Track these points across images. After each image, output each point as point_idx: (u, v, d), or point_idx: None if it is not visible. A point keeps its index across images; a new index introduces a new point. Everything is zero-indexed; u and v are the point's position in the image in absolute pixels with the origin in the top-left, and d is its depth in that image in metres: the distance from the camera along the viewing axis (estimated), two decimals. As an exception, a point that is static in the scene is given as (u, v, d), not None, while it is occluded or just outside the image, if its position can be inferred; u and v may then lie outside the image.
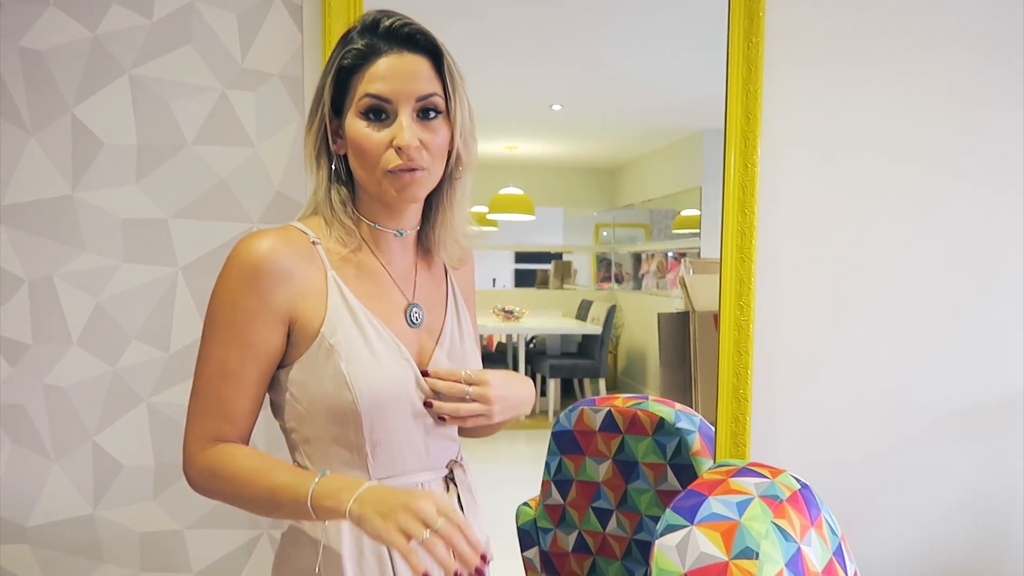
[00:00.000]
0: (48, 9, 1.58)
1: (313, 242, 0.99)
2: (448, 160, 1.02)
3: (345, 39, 0.99)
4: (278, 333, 0.96)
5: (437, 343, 1.07)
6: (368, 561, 1.00)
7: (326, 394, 0.97)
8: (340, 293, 0.98)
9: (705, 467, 1.59)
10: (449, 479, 1.09)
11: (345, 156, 1.01)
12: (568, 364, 2.93)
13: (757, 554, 1.09)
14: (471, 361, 1.12)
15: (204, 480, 0.96)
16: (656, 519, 1.63)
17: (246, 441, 0.99)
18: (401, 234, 1.05)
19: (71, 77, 1.59)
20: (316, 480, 0.90)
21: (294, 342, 0.98)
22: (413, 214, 1.06)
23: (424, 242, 1.11)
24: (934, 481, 1.75)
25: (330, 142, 1.01)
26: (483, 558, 0.87)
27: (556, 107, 2.22)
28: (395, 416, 1.00)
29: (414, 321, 1.05)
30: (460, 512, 1.03)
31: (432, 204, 1.07)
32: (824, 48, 1.67)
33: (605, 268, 2.96)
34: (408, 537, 0.83)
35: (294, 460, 1.05)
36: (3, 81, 1.58)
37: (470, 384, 1.02)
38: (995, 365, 1.74)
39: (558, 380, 2.89)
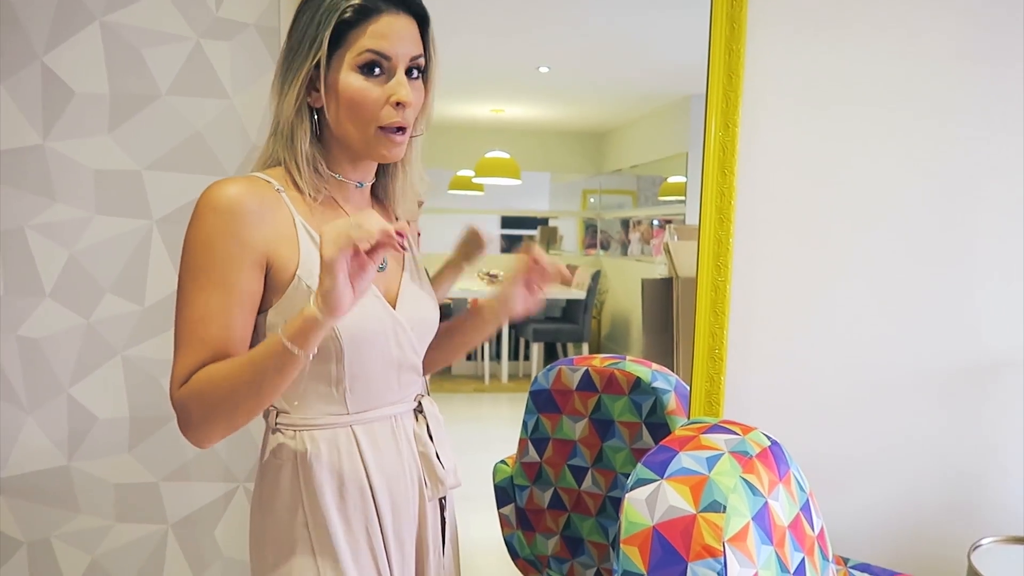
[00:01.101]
0: (16, -48, 1.54)
1: (278, 190, 1.01)
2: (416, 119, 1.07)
3: None
4: (257, 276, 0.97)
5: (400, 284, 1.12)
6: (350, 491, 1.04)
7: None
8: (310, 238, 1.01)
9: (679, 424, 1.60)
10: (417, 411, 1.14)
11: (318, 109, 1.03)
12: (552, 328, 2.94)
13: (724, 507, 1.11)
14: (431, 298, 1.18)
15: (193, 404, 0.93)
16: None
17: None
18: (361, 185, 1.10)
19: (40, 23, 1.55)
20: (280, 330, 0.90)
21: (270, 287, 0.99)
22: (372, 166, 1.11)
23: (379, 194, 1.16)
24: (906, 444, 1.77)
25: (304, 93, 1.01)
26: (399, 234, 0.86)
27: (543, 69, 2.19)
28: (372, 351, 1.04)
29: (380, 266, 1.07)
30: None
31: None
32: (808, 9, 1.65)
33: (592, 234, 2.96)
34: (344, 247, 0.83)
35: (272, 404, 1.07)
36: (-30, 26, 1.55)
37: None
38: (972, 331, 1.75)
39: (541, 344, 2.90)
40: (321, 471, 1.03)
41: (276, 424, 1.06)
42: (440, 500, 1.17)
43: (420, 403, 1.15)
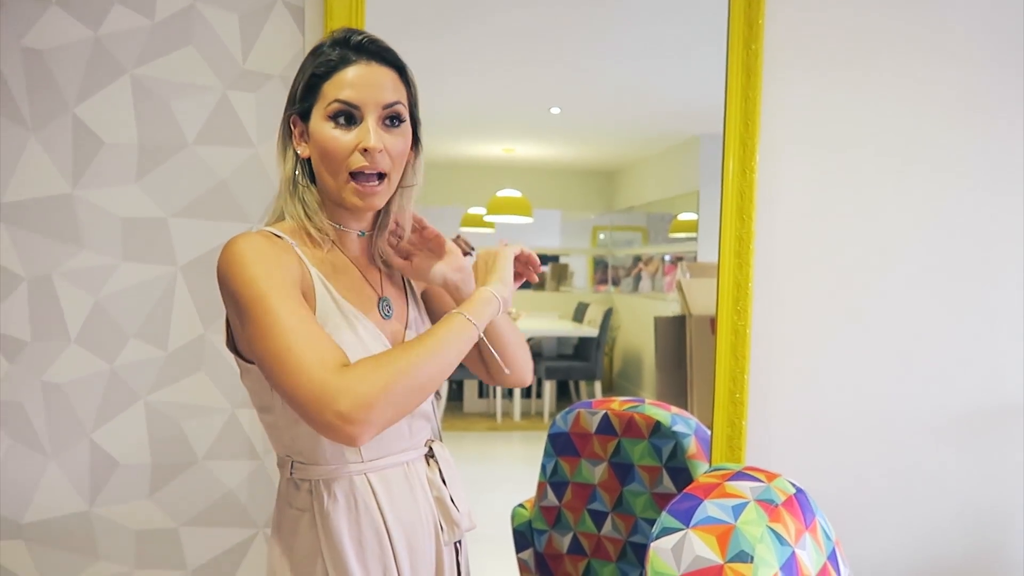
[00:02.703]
0: (50, 8, 1.58)
1: (291, 243, 1.03)
2: (405, 170, 1.09)
3: (316, 51, 1.05)
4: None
5: (404, 332, 1.13)
6: (368, 540, 1.04)
7: None
8: (325, 288, 1.03)
9: (701, 470, 1.60)
10: (428, 456, 1.15)
11: (308, 161, 1.06)
12: (564, 366, 2.94)
13: (752, 558, 1.10)
14: None
15: (366, 382, 0.88)
16: (651, 522, 1.64)
17: None
18: (363, 234, 1.12)
19: (72, 77, 1.59)
20: (455, 310, 1.01)
21: None
22: (370, 216, 1.12)
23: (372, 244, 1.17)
24: (929, 489, 1.76)
25: (295, 146, 1.06)
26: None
27: (555, 110, 2.22)
28: None
29: (386, 314, 1.11)
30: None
31: (383, 211, 1.12)
32: (823, 56, 1.68)
33: (602, 271, 2.97)
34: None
35: (283, 451, 1.08)
36: (4, 80, 1.58)
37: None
38: (994, 374, 1.75)
39: (554, 382, 2.90)
40: (340, 521, 1.03)
41: (291, 474, 1.06)
42: (455, 544, 1.17)
43: (431, 448, 1.15)
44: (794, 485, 1.31)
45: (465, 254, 1.19)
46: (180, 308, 1.65)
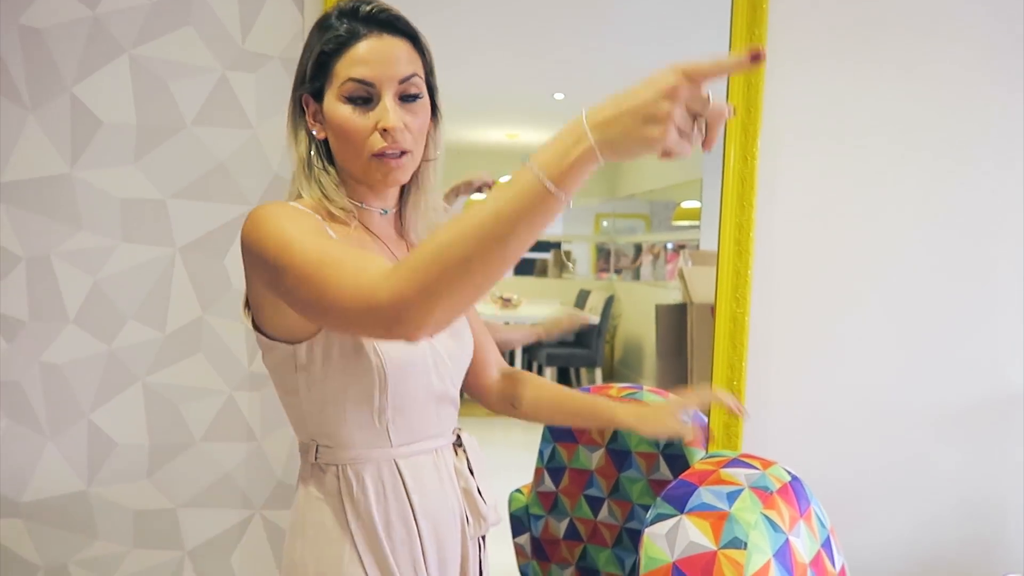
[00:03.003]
0: (48, -14, 1.58)
1: (317, 218, 0.99)
2: (426, 143, 1.04)
3: (323, 25, 0.99)
4: None
5: None
6: (396, 529, 1.01)
7: (347, 363, 0.97)
8: None
9: (697, 457, 1.60)
10: (456, 444, 1.11)
11: (325, 140, 1.02)
12: (565, 353, 2.93)
13: (745, 544, 1.10)
14: (467, 329, 1.15)
15: (406, 278, 0.75)
16: (647, 508, 1.64)
17: None
18: (386, 212, 1.08)
19: (70, 56, 1.58)
20: (527, 165, 0.71)
21: None
22: (394, 194, 1.08)
23: (401, 221, 1.13)
24: (926, 480, 1.75)
25: (308, 127, 1.02)
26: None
27: (558, 96, 2.21)
28: (416, 382, 1.02)
29: None
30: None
31: (407, 186, 1.09)
32: (826, 42, 1.66)
33: (604, 258, 2.96)
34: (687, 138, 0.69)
35: (308, 436, 1.04)
36: (2, 59, 1.58)
37: None
38: (991, 366, 1.74)
39: (554, 369, 2.90)
40: (368, 507, 1.00)
41: (316, 459, 1.03)
42: (480, 539, 1.13)
43: (459, 436, 1.12)
44: (789, 473, 1.31)
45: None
46: (178, 290, 1.65)
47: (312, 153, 1.02)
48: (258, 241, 0.90)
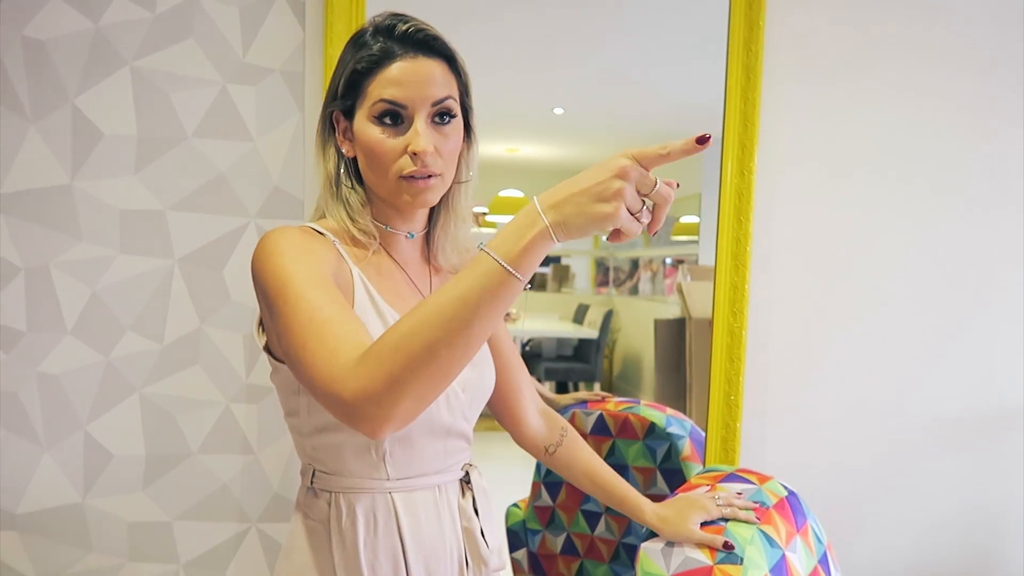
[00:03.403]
0: (52, -1, 1.59)
1: (332, 240, 0.99)
2: (458, 164, 1.02)
3: (357, 42, 0.97)
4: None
5: None
6: (382, 566, 0.98)
7: None
8: (366, 290, 0.97)
9: (694, 472, 1.59)
10: (464, 482, 1.07)
11: (354, 158, 1.00)
12: (563, 367, 2.93)
13: (741, 560, 1.10)
14: (487, 360, 1.11)
15: (372, 369, 0.75)
16: (644, 523, 1.63)
17: None
18: (412, 236, 1.05)
19: (73, 67, 1.59)
20: (483, 249, 0.74)
21: None
22: (422, 217, 1.06)
23: (429, 245, 1.10)
24: (924, 492, 1.75)
25: (338, 144, 1.01)
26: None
27: (558, 111, 2.22)
28: (420, 415, 0.98)
29: None
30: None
31: (437, 208, 1.07)
32: (823, 59, 1.68)
33: (603, 273, 2.96)
34: (622, 208, 0.71)
35: (306, 459, 1.03)
36: (4, 70, 1.59)
37: None
38: (988, 378, 1.74)
39: (553, 383, 2.89)
40: (355, 540, 0.96)
41: (312, 483, 1.01)
42: None
43: (468, 473, 1.07)
44: (786, 487, 1.30)
45: None
46: (177, 301, 1.65)
47: (340, 171, 1.00)
48: (261, 273, 0.89)
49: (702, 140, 0.71)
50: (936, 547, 1.75)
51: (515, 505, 1.86)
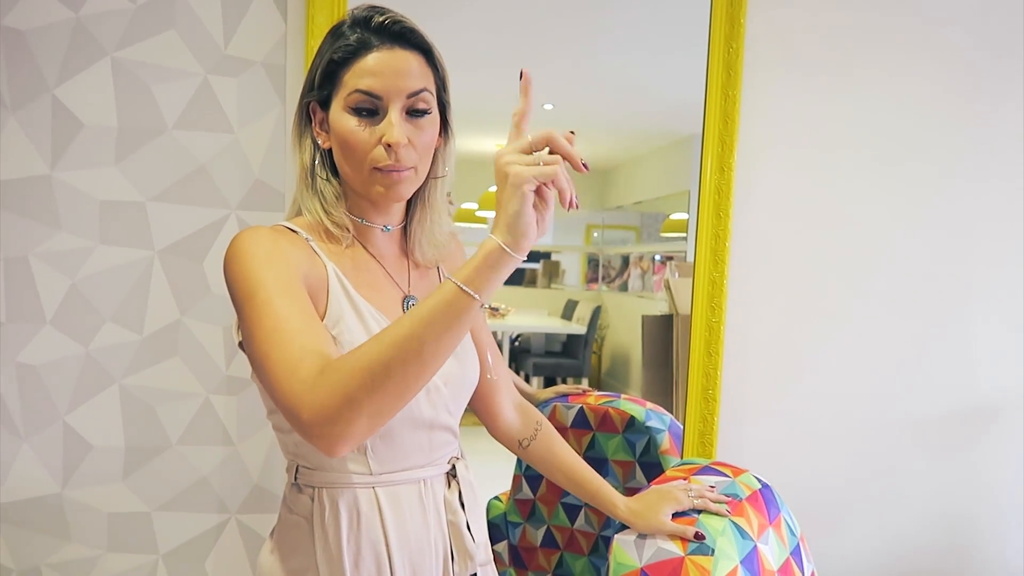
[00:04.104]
0: (32, -12, 1.58)
1: (306, 239, 0.98)
2: (434, 158, 1.03)
3: (335, 33, 0.98)
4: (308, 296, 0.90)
5: None
6: (365, 561, 0.98)
7: None
8: (341, 286, 0.97)
9: (671, 465, 1.60)
10: (450, 475, 1.07)
11: (330, 151, 1.00)
12: (551, 363, 2.93)
13: (713, 551, 1.10)
14: (470, 353, 1.11)
15: (329, 390, 0.77)
16: (622, 516, 1.63)
17: None
18: (388, 229, 1.05)
19: (53, 57, 1.59)
20: (447, 276, 0.79)
21: None
22: (398, 210, 1.06)
23: (407, 239, 1.10)
24: (901, 490, 1.76)
25: (314, 135, 1.00)
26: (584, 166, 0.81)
27: (548, 107, 2.22)
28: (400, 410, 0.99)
29: None
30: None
31: (413, 202, 1.08)
32: (804, 55, 1.68)
33: (594, 269, 2.97)
34: (541, 183, 0.76)
35: (289, 455, 1.03)
36: (-15, 59, 1.58)
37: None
38: (967, 377, 1.75)
39: (541, 378, 2.89)
40: (338, 535, 0.96)
41: (296, 479, 1.01)
42: None
43: (454, 466, 1.07)
44: (760, 480, 1.31)
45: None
46: (156, 293, 1.65)
47: (316, 162, 1.00)
48: (231, 276, 0.90)
49: (521, 75, 0.80)
50: (910, 544, 1.76)
51: (496, 498, 1.86)
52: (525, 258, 0.77)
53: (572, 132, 0.78)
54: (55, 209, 1.62)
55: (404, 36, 0.96)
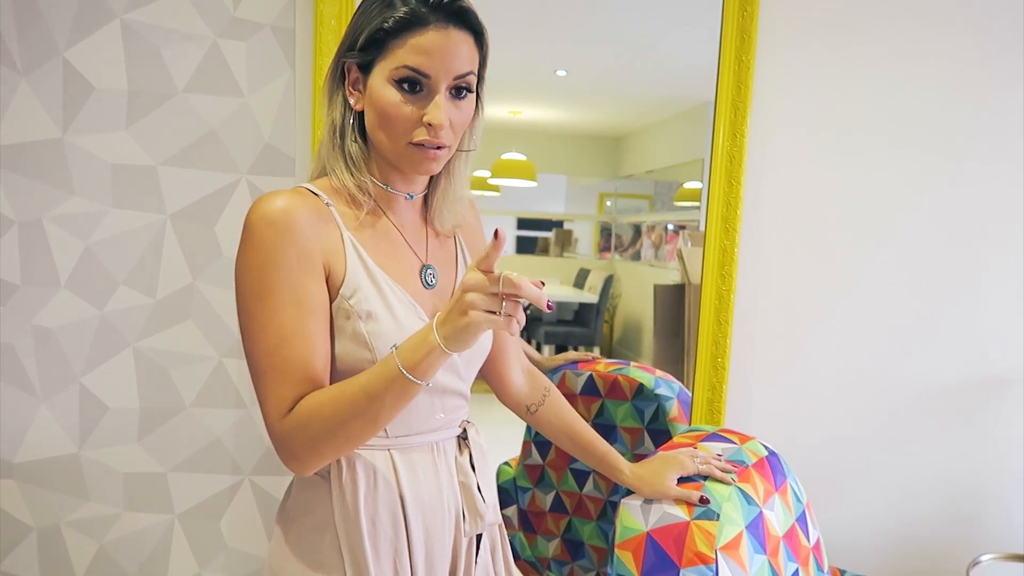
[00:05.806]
0: (41, -50, 1.58)
1: (327, 203, 0.97)
2: (463, 134, 1.02)
3: None
4: (322, 283, 0.94)
5: None
6: (382, 520, 1.00)
7: (346, 352, 0.96)
8: (358, 254, 0.97)
9: (679, 431, 1.61)
10: (462, 439, 1.09)
11: (361, 112, 0.99)
12: (563, 332, 2.93)
13: (718, 515, 1.11)
14: None
15: (299, 436, 0.90)
16: (630, 482, 1.65)
17: None
18: (411, 197, 1.05)
19: (63, 20, 1.59)
20: (393, 353, 0.87)
21: None
22: (422, 180, 1.06)
23: (428, 207, 1.10)
24: (907, 459, 1.76)
25: (346, 94, 0.99)
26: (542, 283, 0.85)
27: (561, 73, 2.20)
28: None
29: (429, 283, 1.05)
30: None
31: (437, 173, 1.06)
32: (819, 22, 1.65)
33: (607, 238, 2.95)
34: (496, 312, 0.82)
35: None
36: (-5, 21, 1.58)
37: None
38: (975, 346, 1.74)
39: (553, 347, 2.90)
40: (356, 495, 0.98)
41: None
42: (476, 537, 1.10)
43: (465, 431, 1.10)
44: (767, 447, 1.31)
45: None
46: (169, 256, 1.67)
47: (345, 122, 0.99)
48: (239, 265, 0.92)
49: (496, 235, 0.81)
50: (916, 512, 1.76)
51: (506, 463, 1.88)
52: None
53: (542, 282, 0.83)
54: (68, 173, 1.63)
55: (460, 15, 0.94)
